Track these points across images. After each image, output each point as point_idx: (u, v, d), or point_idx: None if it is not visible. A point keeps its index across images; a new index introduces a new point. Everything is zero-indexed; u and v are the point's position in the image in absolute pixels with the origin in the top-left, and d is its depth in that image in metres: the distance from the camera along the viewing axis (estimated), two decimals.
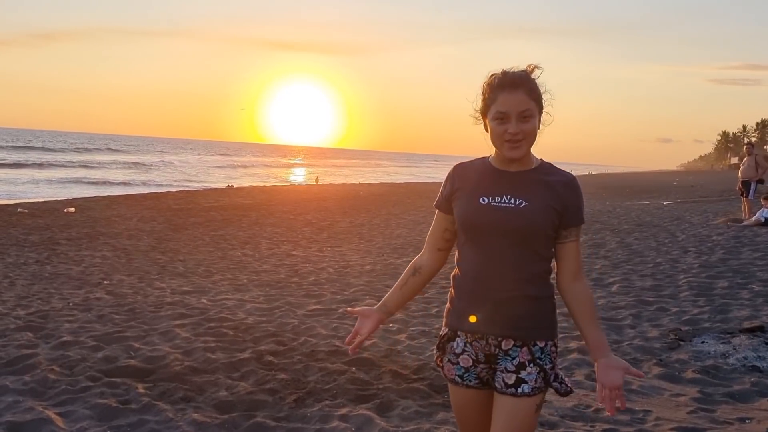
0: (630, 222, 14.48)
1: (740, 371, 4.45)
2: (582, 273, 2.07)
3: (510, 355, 1.98)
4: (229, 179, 36.65)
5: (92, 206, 16.51)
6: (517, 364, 1.97)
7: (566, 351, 4.89)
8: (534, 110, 1.95)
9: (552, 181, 2.00)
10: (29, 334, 5.27)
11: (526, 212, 1.95)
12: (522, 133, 1.93)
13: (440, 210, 2.15)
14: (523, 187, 1.98)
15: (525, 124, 1.93)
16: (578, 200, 2.03)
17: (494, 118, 1.96)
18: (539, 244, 1.99)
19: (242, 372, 4.41)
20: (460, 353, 2.05)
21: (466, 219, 2.02)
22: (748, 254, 9.14)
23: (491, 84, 1.98)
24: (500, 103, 1.94)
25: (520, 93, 1.93)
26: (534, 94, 1.96)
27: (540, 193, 1.97)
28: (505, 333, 1.99)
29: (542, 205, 1.96)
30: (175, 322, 5.69)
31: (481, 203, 1.99)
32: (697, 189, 33.00)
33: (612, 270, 8.37)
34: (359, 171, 65.14)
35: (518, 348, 1.98)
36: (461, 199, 2.05)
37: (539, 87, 1.99)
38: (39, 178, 30.97)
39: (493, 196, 1.99)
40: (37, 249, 10.01)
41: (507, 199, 1.97)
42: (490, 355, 2.02)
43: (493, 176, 2.03)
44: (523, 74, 1.97)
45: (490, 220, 1.97)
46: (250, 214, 16.13)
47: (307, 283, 7.74)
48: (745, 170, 14.39)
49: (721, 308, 6.11)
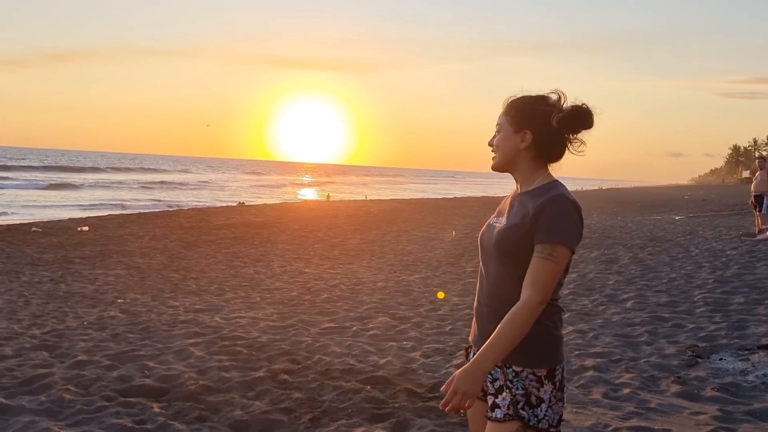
0: (642, 237, 14.39)
1: (760, 389, 4.39)
2: (526, 291, 1.87)
3: (492, 376, 1.98)
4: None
5: (105, 225, 16.60)
6: (497, 387, 1.97)
7: (582, 368, 4.85)
8: (503, 127, 2.05)
9: (537, 201, 1.95)
10: (44, 353, 5.30)
11: (499, 231, 2.00)
12: (494, 146, 2.09)
13: None
14: (515, 208, 2.02)
15: (495, 138, 2.08)
16: (548, 216, 1.89)
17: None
18: (513, 263, 1.94)
19: (257, 391, 4.40)
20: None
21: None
22: (763, 269, 9.05)
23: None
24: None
25: (502, 110, 2.08)
26: (511, 111, 2.03)
27: (517, 213, 1.98)
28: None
29: (514, 224, 1.96)
30: (189, 341, 5.70)
31: (488, 224, 2.13)
32: (708, 203, 32.77)
33: (626, 286, 8.31)
34: (370, 187, 65.31)
35: (498, 369, 1.97)
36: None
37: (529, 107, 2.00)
38: (82, 200, 31.00)
39: (496, 218, 2.10)
40: (51, 267, 10.08)
41: (501, 219, 2.05)
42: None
43: (509, 199, 2.12)
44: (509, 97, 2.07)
45: (482, 239, 2.10)
46: (262, 231, 16.18)
47: (320, 301, 7.74)
48: (758, 184, 14.30)
49: (738, 324, 6.05)
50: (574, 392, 4.35)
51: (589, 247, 12.52)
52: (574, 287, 8.30)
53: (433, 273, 10.00)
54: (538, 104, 2.00)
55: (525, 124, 2.00)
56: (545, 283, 1.87)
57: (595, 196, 42.72)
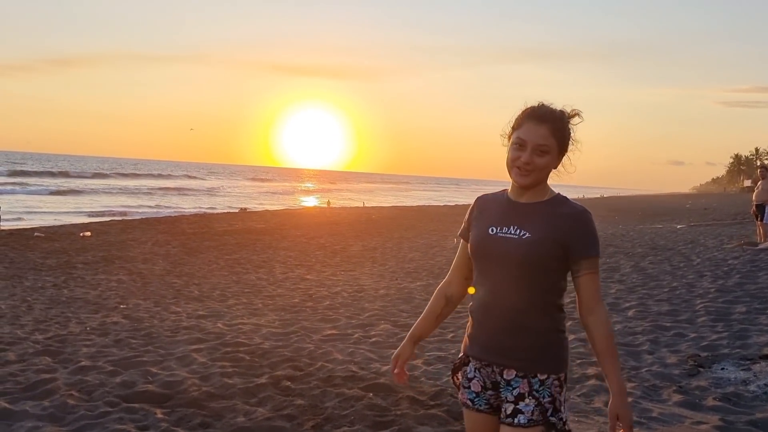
0: (644, 245, 14.40)
1: (762, 399, 4.40)
2: (597, 306, 2.04)
3: (511, 386, 2.02)
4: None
5: (107, 230, 16.64)
6: (517, 395, 2.01)
7: (584, 377, 4.86)
8: (552, 148, 2.00)
9: (560, 213, 2.01)
10: (48, 358, 5.31)
11: (527, 243, 1.98)
12: (532, 165, 1.99)
13: (464, 239, 2.22)
14: (531, 218, 2.02)
15: (538, 158, 1.99)
16: (585, 232, 2.01)
17: (514, 143, 2.03)
18: (541, 275, 2.00)
19: (259, 397, 4.41)
20: (471, 378, 2.13)
21: (474, 248, 2.10)
22: (765, 278, 9.05)
23: (523, 112, 2.05)
24: (523, 130, 2.01)
25: (544, 128, 1.99)
26: (558, 133, 2.02)
27: (544, 225, 2.00)
28: (505, 363, 2.04)
29: (543, 237, 1.98)
30: (192, 347, 5.71)
31: (490, 233, 2.06)
32: (710, 212, 32.77)
33: (627, 294, 8.31)
34: (371, 194, 65.35)
35: (520, 379, 2.01)
36: (475, 229, 2.13)
37: (569, 131, 2.04)
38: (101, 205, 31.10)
39: (501, 227, 2.04)
40: (54, 273, 10.10)
41: (513, 229, 2.01)
42: (495, 383, 2.08)
43: (505, 207, 2.09)
44: (555, 112, 2.03)
45: (494, 249, 2.03)
46: (264, 237, 16.20)
47: (322, 308, 7.75)
48: (760, 194, 14.31)
49: (739, 334, 6.05)
50: (576, 401, 4.36)
51: None
52: (575, 296, 8.30)
53: (435, 280, 10.01)
54: (568, 126, 2.06)
55: (566, 147, 2.06)
56: (601, 294, 2.06)
57: (597, 204, 42.69)
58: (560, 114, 2.03)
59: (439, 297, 2.29)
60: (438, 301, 2.29)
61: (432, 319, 2.31)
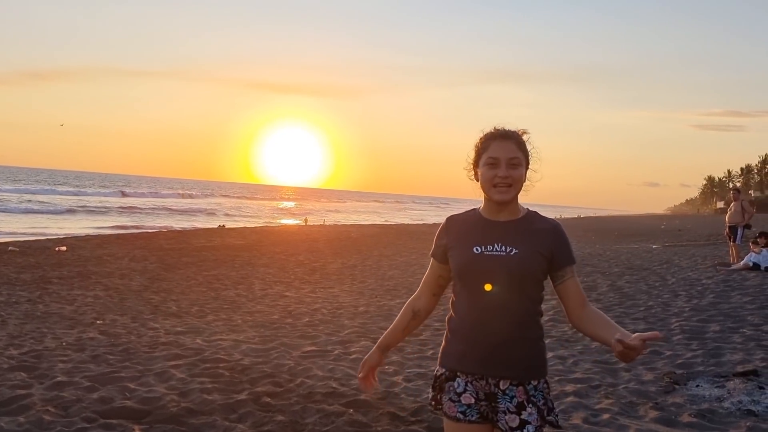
0: (620, 265, 14.59)
1: (736, 415, 4.48)
2: (587, 302, 2.20)
3: (508, 395, 2.11)
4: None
5: (83, 245, 16.44)
6: (517, 404, 2.10)
7: (562, 394, 4.91)
8: (522, 160, 2.16)
9: (538, 228, 2.17)
10: (23, 374, 5.23)
11: (517, 259, 2.10)
12: (510, 179, 2.12)
13: (435, 259, 2.31)
14: (513, 235, 2.14)
15: (513, 171, 2.13)
16: (565, 243, 2.19)
17: (485, 164, 2.15)
18: (530, 288, 2.14)
19: (239, 413, 4.39)
20: (461, 392, 2.16)
21: (461, 268, 2.16)
22: (737, 298, 9.23)
23: (485, 135, 2.19)
24: (492, 150, 2.14)
25: (510, 143, 2.15)
26: (522, 147, 2.19)
27: (528, 241, 2.13)
28: (502, 374, 2.12)
29: (531, 252, 2.11)
30: (171, 363, 5.66)
31: (475, 252, 2.14)
32: (684, 233, 33.31)
33: (605, 313, 8.38)
34: (350, 212, 65.33)
35: (515, 387, 2.11)
36: (456, 249, 2.20)
37: (527, 145, 2.21)
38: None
39: (485, 245, 2.14)
40: (28, 288, 9.95)
41: (498, 247, 2.12)
42: (490, 394, 2.14)
43: (484, 226, 2.18)
44: (513, 130, 2.20)
45: (484, 268, 2.12)
46: (242, 254, 16.12)
47: (301, 324, 7.73)
48: (732, 215, 14.62)
49: (713, 352, 6.16)
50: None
51: None
52: (554, 314, 8.38)
53: None
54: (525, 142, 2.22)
55: (528, 161, 2.21)
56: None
57: (574, 225, 43.17)
58: (517, 132, 2.21)
59: (407, 311, 2.39)
60: (406, 315, 2.39)
61: (399, 332, 2.41)
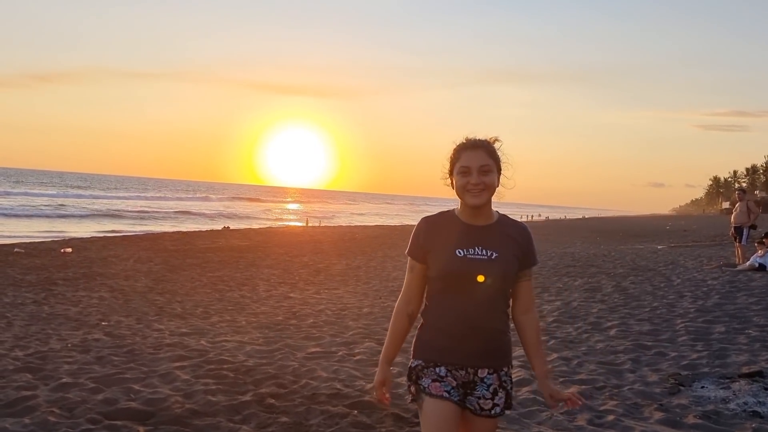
0: (625, 266, 14.55)
1: (741, 417, 4.46)
2: (532, 307, 2.44)
3: (485, 382, 2.33)
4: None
5: (88, 246, 16.49)
6: (492, 390, 2.33)
7: None
8: (493, 167, 2.30)
9: (511, 231, 2.38)
10: (28, 375, 5.25)
11: (499, 262, 2.29)
12: (482, 184, 2.27)
13: (416, 260, 2.43)
14: (491, 239, 2.32)
15: (485, 177, 2.28)
16: (532, 246, 2.42)
17: (459, 173, 2.30)
18: (506, 286, 2.36)
19: (244, 415, 4.39)
20: (444, 376, 2.31)
21: (445, 269, 2.30)
22: (743, 299, 9.20)
23: (457, 147, 2.34)
24: (464, 159, 2.29)
25: (480, 151, 2.30)
26: (493, 155, 2.32)
27: (505, 245, 2.33)
28: (482, 363, 2.33)
29: (509, 255, 2.32)
30: (175, 364, 5.67)
31: (458, 255, 2.29)
32: (689, 233, 33.21)
33: (609, 314, 8.40)
34: (354, 212, 65.38)
35: (491, 375, 2.33)
36: (437, 251, 2.34)
37: (498, 153, 2.35)
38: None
39: (467, 248, 2.30)
40: (34, 289, 9.98)
41: (480, 250, 2.29)
42: (468, 383, 2.34)
43: (463, 230, 2.34)
44: (483, 139, 2.34)
45: (467, 269, 2.28)
46: (247, 255, 16.14)
47: (305, 326, 7.73)
48: (738, 216, 14.57)
49: (719, 353, 6.14)
50: (559, 419, 4.39)
51: (573, 276, 12.64)
52: (558, 315, 8.37)
53: None
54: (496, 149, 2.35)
55: (499, 168, 2.36)
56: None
57: (578, 225, 43.12)
58: (487, 140, 2.34)
59: (402, 317, 2.45)
60: (401, 321, 2.46)
61: (400, 340, 2.48)
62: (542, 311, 8.66)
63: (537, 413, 4.46)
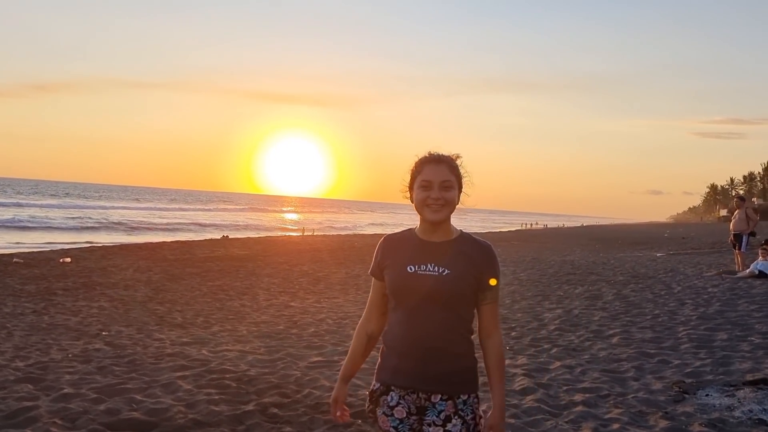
0: (625, 273, 14.54)
1: (747, 424, 4.45)
2: (495, 331, 2.29)
3: (437, 408, 2.20)
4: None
5: (87, 256, 16.44)
6: (444, 417, 2.19)
7: (571, 404, 4.88)
8: (454, 183, 2.24)
9: (471, 249, 2.25)
10: (29, 386, 5.22)
11: (449, 279, 2.18)
12: (443, 200, 2.21)
13: (375, 278, 2.38)
14: (445, 256, 2.22)
15: (446, 192, 2.22)
16: (493, 267, 2.26)
17: (419, 186, 2.24)
18: (461, 307, 2.22)
19: (247, 425, 4.37)
20: (394, 405, 2.25)
21: (395, 285, 2.25)
22: (744, 306, 9.19)
23: (420, 160, 2.28)
24: (425, 173, 2.23)
25: (443, 167, 2.24)
26: (455, 171, 2.26)
27: (460, 262, 2.21)
28: (434, 388, 2.20)
29: (462, 272, 2.20)
30: (177, 374, 5.65)
31: (408, 271, 2.22)
32: (688, 241, 33.22)
33: (611, 322, 8.38)
34: (353, 221, 65.30)
35: (444, 401, 2.20)
36: (391, 267, 2.28)
37: (460, 170, 2.29)
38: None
39: (419, 264, 2.22)
40: (33, 299, 9.94)
41: (431, 267, 2.20)
42: (421, 407, 2.23)
43: (418, 246, 2.27)
44: (446, 155, 2.28)
45: (417, 286, 2.20)
46: (247, 264, 16.11)
47: (307, 335, 7.71)
48: (737, 223, 14.60)
49: (722, 361, 6.13)
50: (564, 427, 4.37)
51: (574, 284, 12.63)
52: (560, 323, 8.36)
53: None
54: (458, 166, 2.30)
55: (461, 185, 2.30)
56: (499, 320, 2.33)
57: (577, 234, 43.12)
58: (449, 156, 2.29)
59: (361, 336, 2.43)
60: (360, 340, 2.43)
61: (359, 358, 2.44)
62: (544, 319, 8.64)
63: (542, 422, 4.43)
